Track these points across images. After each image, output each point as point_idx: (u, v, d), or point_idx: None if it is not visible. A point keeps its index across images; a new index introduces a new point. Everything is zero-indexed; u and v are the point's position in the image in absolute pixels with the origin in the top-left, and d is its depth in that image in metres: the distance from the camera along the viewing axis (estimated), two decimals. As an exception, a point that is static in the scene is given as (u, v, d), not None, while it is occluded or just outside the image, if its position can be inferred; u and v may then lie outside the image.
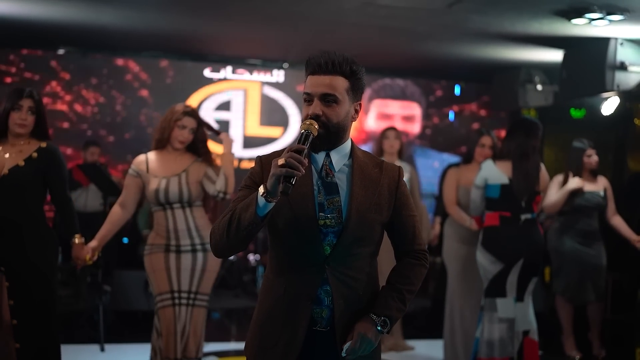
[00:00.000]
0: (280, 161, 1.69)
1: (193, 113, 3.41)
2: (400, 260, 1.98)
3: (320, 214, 1.85)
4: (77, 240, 3.18)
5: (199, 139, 3.42)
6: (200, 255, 3.35)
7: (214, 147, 7.22)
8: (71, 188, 6.07)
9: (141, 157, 3.41)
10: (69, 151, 6.79)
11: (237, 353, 4.93)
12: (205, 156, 3.44)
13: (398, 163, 4.75)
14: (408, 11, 4.54)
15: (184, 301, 3.33)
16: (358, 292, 1.88)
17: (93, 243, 3.29)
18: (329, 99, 1.83)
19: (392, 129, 4.80)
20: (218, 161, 3.47)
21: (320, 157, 1.90)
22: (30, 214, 3.07)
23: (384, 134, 4.77)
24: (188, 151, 3.43)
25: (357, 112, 1.92)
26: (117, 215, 3.37)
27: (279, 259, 1.91)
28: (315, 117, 1.81)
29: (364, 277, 1.89)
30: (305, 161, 1.70)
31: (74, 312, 5.63)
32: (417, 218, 1.98)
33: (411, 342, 4.96)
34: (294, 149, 1.71)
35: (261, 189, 1.73)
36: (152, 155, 3.41)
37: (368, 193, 1.88)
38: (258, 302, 1.96)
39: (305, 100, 1.86)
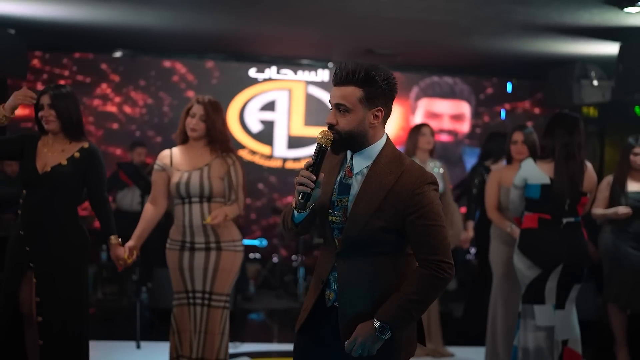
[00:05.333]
0: (296, 179, 1.91)
1: (203, 101, 3.32)
2: (416, 269, 1.96)
3: (330, 210, 2.00)
4: (113, 241, 3.21)
5: (215, 131, 3.31)
6: (213, 253, 3.28)
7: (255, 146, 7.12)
8: (118, 188, 6.24)
9: (165, 152, 3.41)
10: (118, 151, 6.95)
11: (279, 354, 4.87)
12: (225, 153, 3.34)
13: (430, 161, 4.64)
14: (447, 3, 4.38)
15: (198, 301, 3.28)
16: (360, 292, 1.94)
17: (130, 243, 3.29)
18: (341, 109, 1.95)
19: (427, 125, 4.66)
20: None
21: (349, 157, 2.02)
22: (65, 213, 3.11)
23: (419, 130, 4.62)
24: (209, 145, 3.36)
25: (376, 117, 1.97)
26: (149, 212, 3.37)
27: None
28: (330, 126, 1.96)
29: (370, 279, 1.94)
30: (313, 176, 1.90)
31: (118, 309, 5.75)
32: (437, 228, 1.91)
33: (452, 349, 4.77)
34: (305, 166, 1.92)
35: (292, 202, 1.98)
36: (176, 150, 3.40)
37: (372, 199, 1.93)
38: None
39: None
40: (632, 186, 4.30)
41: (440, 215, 1.92)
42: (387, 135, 2.03)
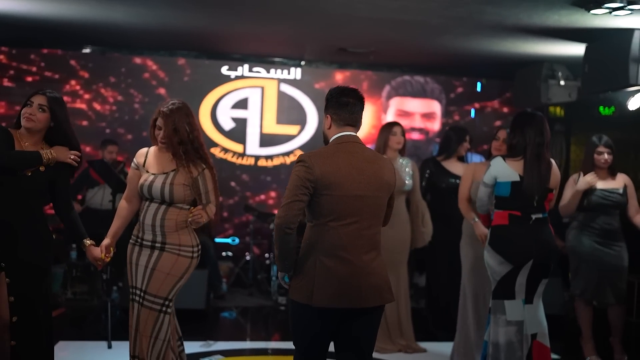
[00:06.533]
0: None
1: (164, 114, 3.24)
2: None
3: None
4: (88, 243, 3.23)
5: (173, 145, 3.24)
6: (156, 253, 3.23)
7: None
8: (89, 186, 6.16)
9: (143, 150, 3.39)
10: (88, 149, 6.84)
11: (252, 352, 4.88)
12: (192, 161, 3.26)
13: (400, 159, 4.68)
14: (419, 3, 4.43)
15: (136, 298, 3.26)
16: None
17: (106, 241, 3.28)
18: None
19: (399, 125, 4.67)
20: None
21: None
22: (36, 213, 3.11)
23: (390, 129, 4.62)
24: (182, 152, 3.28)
25: (326, 122, 2.69)
26: (124, 209, 3.36)
27: None
28: None
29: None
30: None
31: (89, 308, 5.67)
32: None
33: (423, 344, 4.83)
34: None
35: None
36: (152, 150, 3.37)
37: None
38: None
39: None
40: (596, 183, 4.42)
41: (289, 183, 2.53)
42: (338, 136, 2.62)
